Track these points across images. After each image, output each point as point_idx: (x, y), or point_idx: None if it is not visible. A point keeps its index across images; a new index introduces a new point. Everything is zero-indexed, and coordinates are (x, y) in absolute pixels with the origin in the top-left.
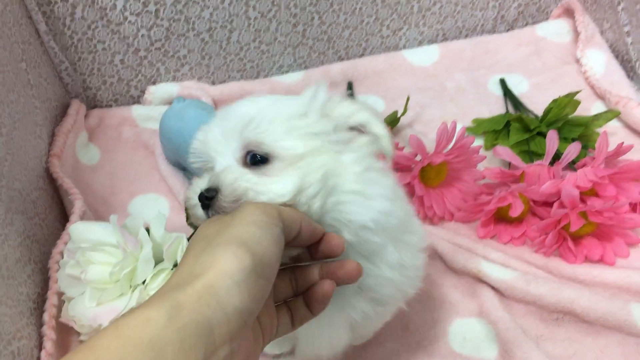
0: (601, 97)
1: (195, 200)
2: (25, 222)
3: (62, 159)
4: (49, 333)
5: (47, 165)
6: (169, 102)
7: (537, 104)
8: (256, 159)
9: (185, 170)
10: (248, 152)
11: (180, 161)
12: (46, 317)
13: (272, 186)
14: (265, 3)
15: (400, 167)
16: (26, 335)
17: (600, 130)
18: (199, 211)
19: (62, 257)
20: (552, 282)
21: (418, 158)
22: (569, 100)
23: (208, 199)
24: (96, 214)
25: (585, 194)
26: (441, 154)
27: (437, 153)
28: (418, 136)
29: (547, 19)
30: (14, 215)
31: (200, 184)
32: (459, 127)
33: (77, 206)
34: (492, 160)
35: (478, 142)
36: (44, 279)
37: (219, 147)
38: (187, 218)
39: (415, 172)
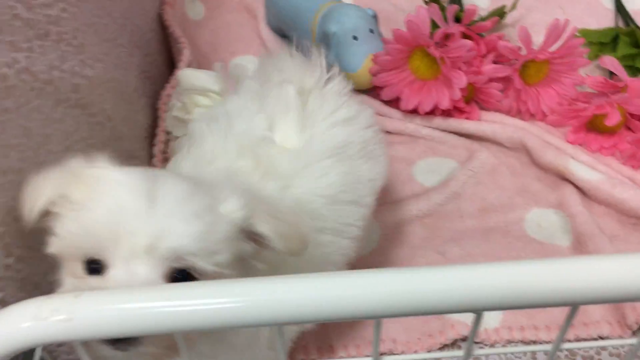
0: None
1: None
2: (142, 58)
3: (174, 8)
4: (158, 165)
5: (160, 11)
6: None
7: None
8: (182, 280)
9: (286, 37)
10: (177, 270)
11: (283, 27)
12: (155, 150)
13: None
14: None
15: (501, 59)
16: (140, 156)
17: None
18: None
19: (170, 100)
20: (637, 188)
21: (522, 52)
22: None
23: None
24: (198, 67)
25: None
26: (546, 51)
27: (543, 50)
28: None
29: None
30: (134, 49)
31: None
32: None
33: (185, 54)
34: (593, 72)
35: None
36: (153, 115)
37: (144, 246)
38: None
39: (517, 66)
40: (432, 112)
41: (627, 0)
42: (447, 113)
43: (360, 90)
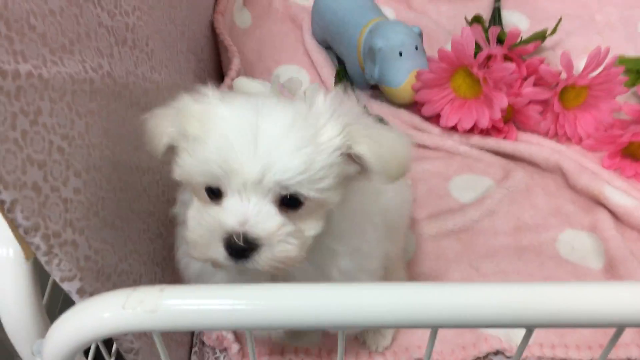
0: None
1: (211, 237)
2: (196, 64)
3: (224, 16)
4: None
5: (212, 19)
6: None
7: None
8: (291, 203)
9: (330, 48)
10: (285, 195)
11: (328, 39)
12: None
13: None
14: None
15: (540, 82)
16: None
17: None
18: (217, 254)
19: None
20: None
21: (563, 77)
22: None
23: (242, 250)
24: (245, 74)
25: None
26: (587, 77)
27: (583, 75)
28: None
29: None
30: (190, 55)
31: (227, 218)
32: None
33: (235, 63)
34: (630, 99)
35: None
36: None
37: (252, 180)
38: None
39: (558, 90)
40: (470, 130)
41: None
42: (485, 132)
43: (401, 104)
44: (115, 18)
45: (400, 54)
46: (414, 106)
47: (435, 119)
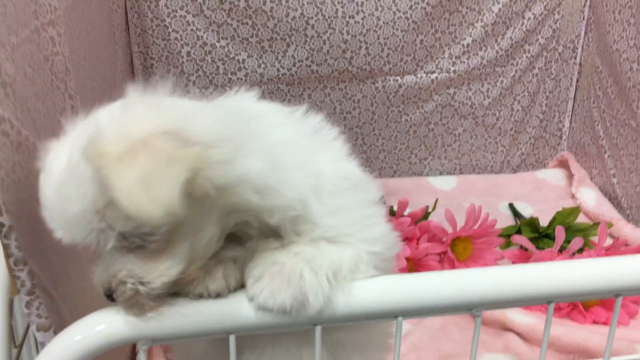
0: (594, 221)
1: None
2: None
3: None
4: None
5: None
6: None
7: (542, 224)
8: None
9: None
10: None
11: None
12: None
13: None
14: None
15: (433, 240)
16: None
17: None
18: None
19: None
20: (568, 325)
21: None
22: (572, 210)
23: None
24: None
25: None
26: (468, 230)
27: (465, 229)
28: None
29: (545, 167)
30: None
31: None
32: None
33: None
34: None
35: None
36: None
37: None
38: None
39: (448, 241)
40: None
41: (521, 209)
42: None
43: None
44: None
45: None
46: None
47: None
